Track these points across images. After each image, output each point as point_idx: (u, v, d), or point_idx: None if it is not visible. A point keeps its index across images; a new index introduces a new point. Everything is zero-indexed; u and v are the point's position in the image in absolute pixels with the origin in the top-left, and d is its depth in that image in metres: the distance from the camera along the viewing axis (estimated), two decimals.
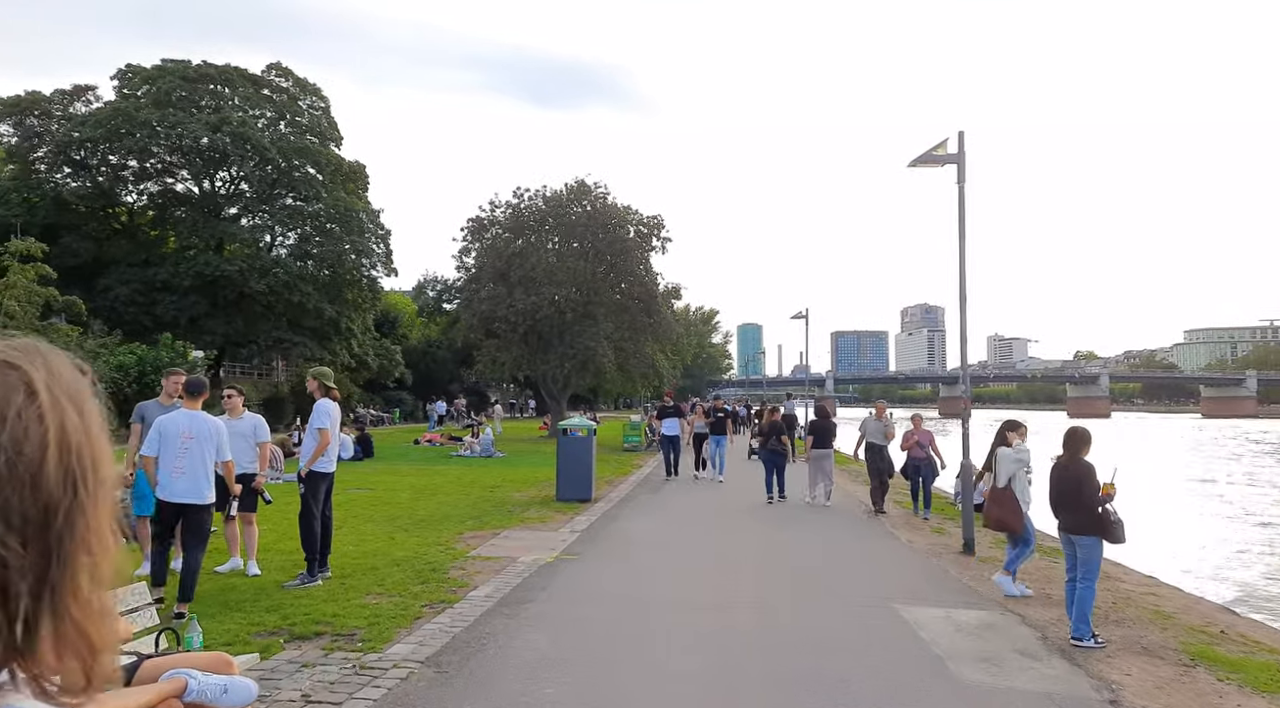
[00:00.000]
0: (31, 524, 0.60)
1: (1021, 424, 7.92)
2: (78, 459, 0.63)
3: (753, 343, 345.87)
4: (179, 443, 6.13)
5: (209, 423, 6.33)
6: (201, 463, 6.16)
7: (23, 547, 0.59)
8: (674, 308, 34.04)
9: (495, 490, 14.36)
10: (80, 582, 0.62)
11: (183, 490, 6.09)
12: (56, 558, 0.61)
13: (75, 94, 37.89)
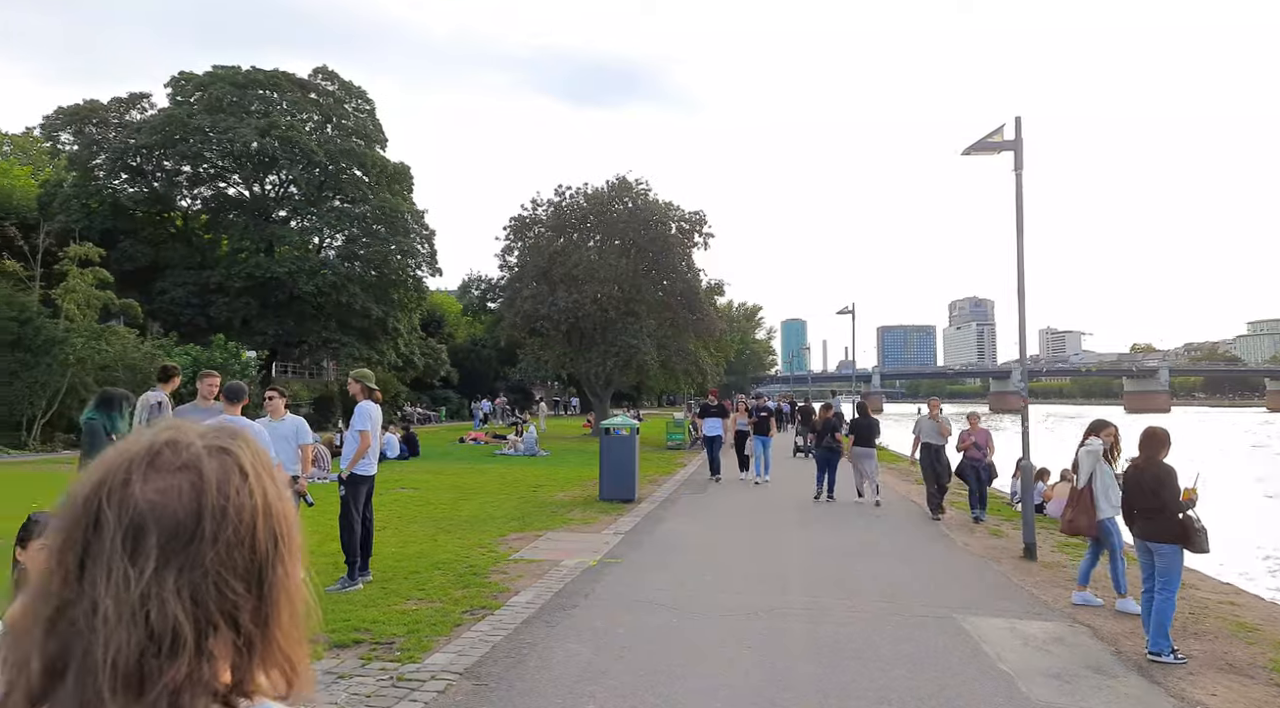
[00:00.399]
0: (250, 573, 0.76)
1: (1110, 424, 7.32)
2: (277, 521, 0.80)
3: (797, 339, 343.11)
4: None
5: (249, 428, 6.30)
6: None
7: (246, 590, 0.75)
8: (717, 304, 33.65)
9: (538, 490, 14.25)
10: (283, 615, 0.79)
11: None
12: (267, 597, 0.77)
13: (131, 102, 38.90)
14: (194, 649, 0.72)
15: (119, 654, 0.69)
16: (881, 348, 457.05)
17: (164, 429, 0.81)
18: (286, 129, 36.63)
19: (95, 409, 6.76)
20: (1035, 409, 68.71)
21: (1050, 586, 7.78)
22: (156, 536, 0.73)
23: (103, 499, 0.74)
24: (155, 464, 0.76)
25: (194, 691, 0.71)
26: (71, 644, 0.71)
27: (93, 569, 0.72)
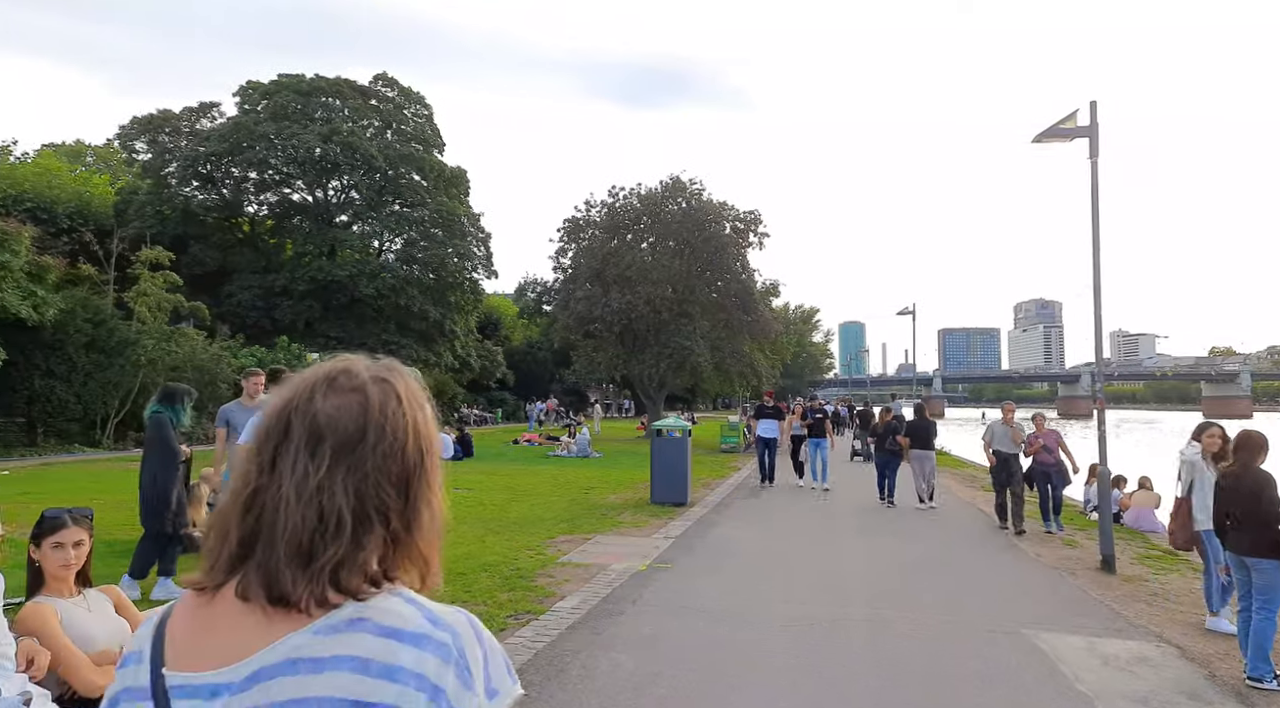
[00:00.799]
0: (400, 480, 0.95)
1: (1214, 425, 6.62)
2: (424, 441, 0.98)
3: (855, 341, 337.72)
4: None
5: None
6: None
7: (395, 494, 0.94)
8: (772, 306, 33.12)
9: (589, 492, 14.09)
10: (424, 519, 0.97)
11: None
12: (412, 503, 0.96)
13: (201, 111, 40.23)
14: (351, 535, 0.90)
15: (295, 531, 0.90)
16: (943, 351, 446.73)
17: (339, 360, 1.01)
18: (348, 135, 37.42)
19: (159, 403, 6.82)
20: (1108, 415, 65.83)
21: (1131, 600, 7.25)
22: (330, 441, 0.93)
23: (292, 411, 0.95)
24: (333, 386, 0.97)
25: (349, 569, 0.90)
26: (262, 522, 0.91)
27: (281, 464, 0.93)
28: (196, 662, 0.91)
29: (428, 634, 0.89)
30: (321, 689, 0.85)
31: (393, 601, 0.91)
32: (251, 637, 0.89)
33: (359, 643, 0.87)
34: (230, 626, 0.91)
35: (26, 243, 18.95)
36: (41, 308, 19.50)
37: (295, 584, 0.88)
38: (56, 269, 20.46)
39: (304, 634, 0.88)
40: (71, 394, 21.34)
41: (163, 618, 0.97)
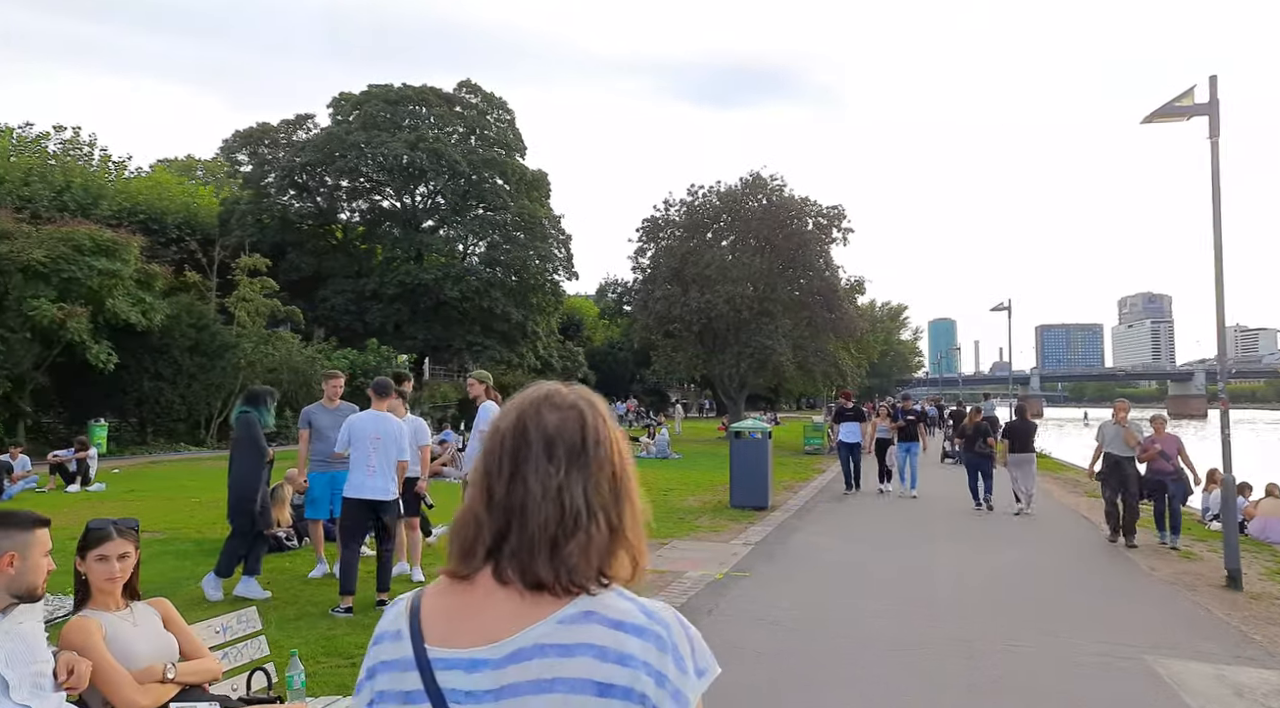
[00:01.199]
0: (612, 481, 1.10)
1: None
2: (622, 449, 1.13)
3: (946, 339, 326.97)
4: (368, 442, 6.29)
5: (392, 424, 6.41)
6: (389, 462, 6.33)
7: (610, 493, 1.09)
8: (857, 303, 32.17)
9: (667, 495, 13.87)
10: (631, 515, 1.11)
11: (375, 488, 6.27)
12: (622, 501, 1.11)
13: (297, 123, 41.94)
14: (585, 528, 1.05)
15: (545, 523, 1.05)
16: (1041, 348, 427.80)
17: (542, 385, 1.18)
18: (433, 142, 38.35)
19: (245, 404, 6.94)
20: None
21: (1264, 623, 6.55)
22: (562, 448, 1.08)
23: (527, 423, 1.10)
24: (551, 403, 1.12)
25: (586, 558, 1.05)
26: (512, 517, 1.07)
27: (524, 468, 1.08)
28: (454, 639, 1.06)
29: (646, 627, 1.05)
30: (570, 672, 1.01)
31: (613, 597, 1.07)
32: (505, 621, 1.04)
33: (594, 634, 1.03)
34: (486, 610, 1.05)
35: (136, 252, 20.04)
36: (149, 314, 20.60)
37: (547, 571, 1.04)
38: (163, 277, 21.57)
39: (548, 624, 1.03)
40: (177, 395, 22.49)
41: (415, 601, 1.12)
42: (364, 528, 6.40)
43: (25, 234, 18.32)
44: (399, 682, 1.06)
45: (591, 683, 1.00)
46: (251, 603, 3.48)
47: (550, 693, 1.00)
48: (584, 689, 0.99)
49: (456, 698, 1.03)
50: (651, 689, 1.01)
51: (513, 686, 1.01)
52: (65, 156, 30.72)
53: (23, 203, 23.37)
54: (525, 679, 1.00)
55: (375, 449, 6.27)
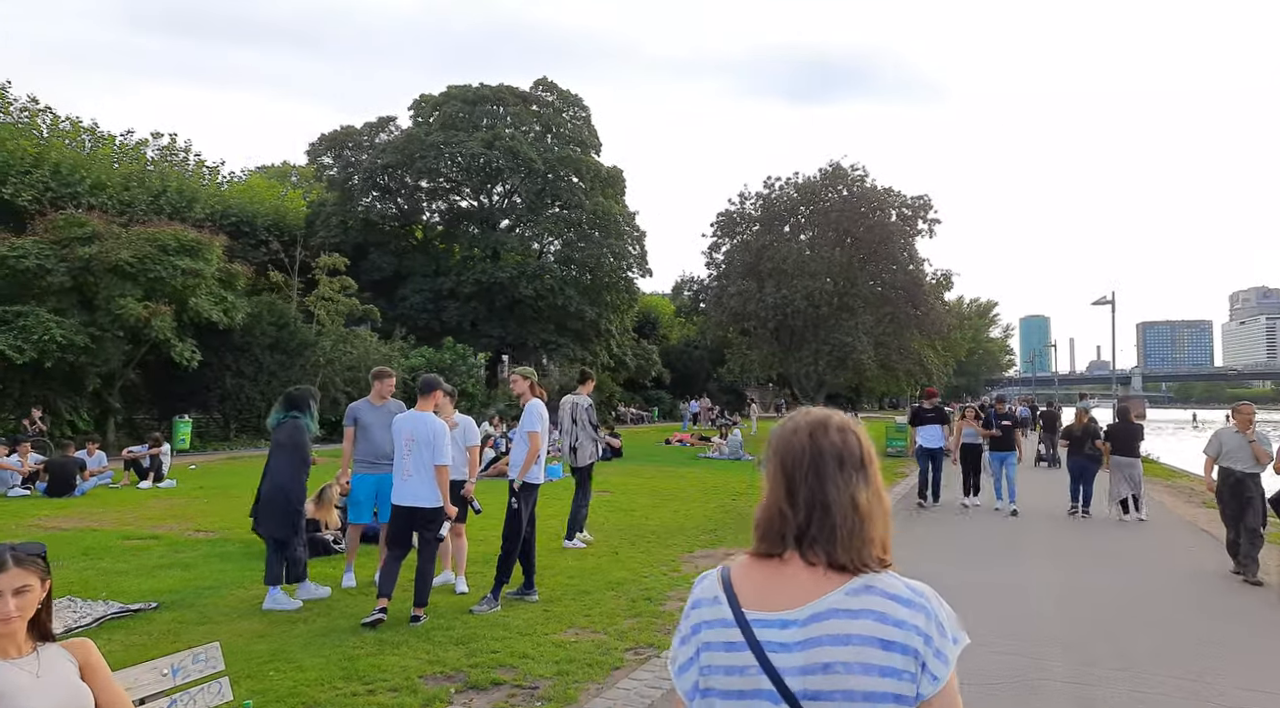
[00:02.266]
0: (875, 488, 1.38)
1: None
2: (869, 450, 1.39)
3: (1038, 337, 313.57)
4: (403, 445, 5.94)
5: (429, 425, 5.97)
6: (424, 466, 5.91)
7: (873, 495, 1.36)
8: (944, 298, 30.58)
9: (737, 499, 13.18)
10: (885, 513, 1.38)
11: (409, 493, 5.89)
12: (883, 502, 1.38)
13: (380, 126, 42.79)
14: (867, 523, 1.34)
15: (843, 520, 1.33)
16: (1143, 346, 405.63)
17: (816, 410, 1.46)
18: (509, 140, 38.45)
19: (289, 409, 6.59)
20: None
21: None
22: (850, 462, 1.37)
23: (820, 441, 1.38)
24: (829, 425, 1.40)
25: (870, 546, 1.34)
26: (814, 512, 1.34)
27: (824, 475, 1.35)
28: (766, 604, 1.33)
29: (913, 599, 1.31)
30: (859, 629, 1.27)
31: (886, 575, 1.34)
32: (805, 590, 1.32)
33: (875, 602, 1.29)
34: (791, 582, 1.34)
35: (219, 251, 20.52)
36: (231, 312, 21.09)
37: (844, 555, 1.32)
38: (244, 276, 22.06)
39: (838, 594, 1.30)
40: (257, 392, 23.00)
41: (724, 574, 1.40)
42: (408, 536, 6.01)
43: (114, 235, 18.94)
44: (721, 635, 1.35)
45: (876, 639, 1.28)
46: (216, 639, 2.98)
47: (845, 645, 1.28)
48: (871, 644, 1.27)
49: (772, 648, 1.31)
50: (921, 647, 1.28)
51: (815, 639, 1.29)
52: (162, 162, 31.97)
53: (123, 207, 24.34)
54: (825, 634, 1.29)
55: (410, 452, 5.87)
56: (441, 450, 5.92)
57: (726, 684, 1.32)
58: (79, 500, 11.44)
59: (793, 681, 1.27)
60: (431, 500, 5.90)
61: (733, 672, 1.31)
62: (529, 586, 6.61)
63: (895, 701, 1.26)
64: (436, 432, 5.93)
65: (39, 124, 27.79)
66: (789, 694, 1.27)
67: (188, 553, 7.94)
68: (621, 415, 43.47)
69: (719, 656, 1.33)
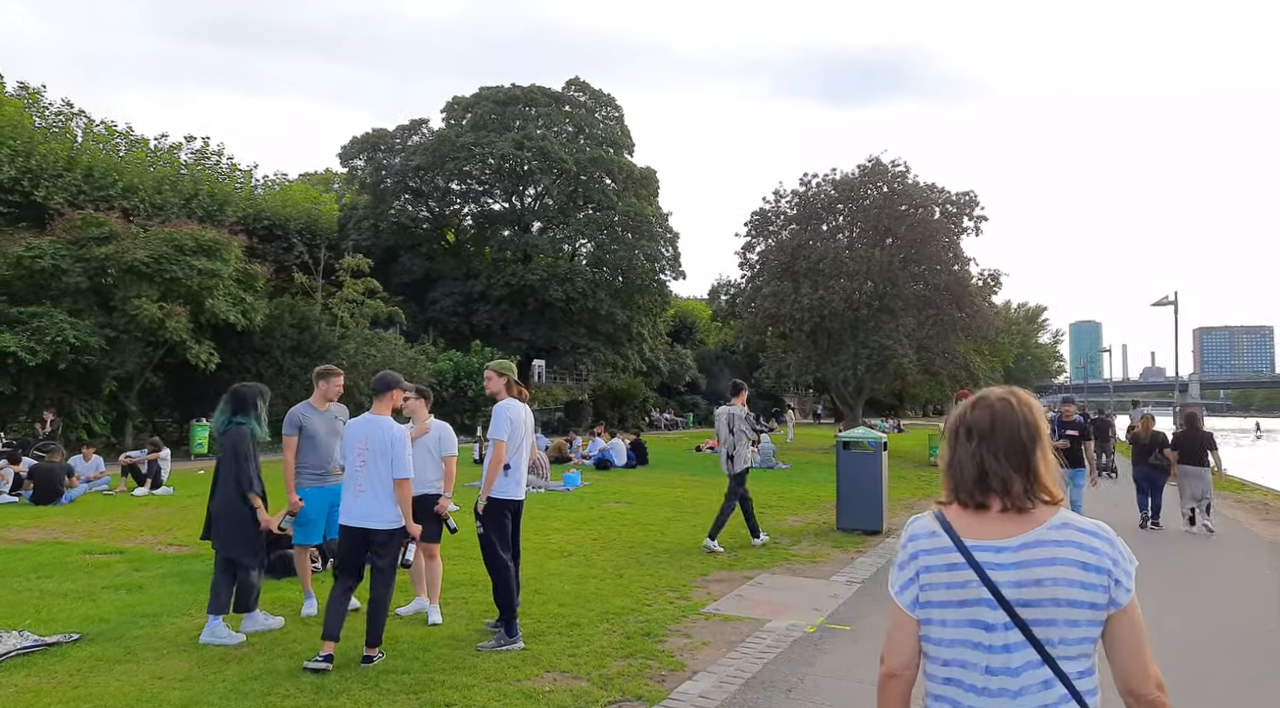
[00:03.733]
0: (1042, 442, 1.75)
1: None
2: (1034, 425, 1.74)
3: (1090, 342, 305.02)
4: (356, 455, 5.09)
5: (385, 431, 5.08)
6: (380, 479, 5.03)
7: (1021, 457, 1.72)
8: (992, 300, 29.09)
9: (764, 512, 12.16)
10: (1045, 468, 1.72)
11: (361, 512, 5.02)
12: (1045, 453, 1.74)
13: (412, 128, 42.56)
14: (1045, 475, 1.72)
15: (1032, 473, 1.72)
16: (1199, 352, 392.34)
17: (995, 388, 1.84)
18: (540, 140, 37.87)
19: (233, 411, 5.77)
20: None
21: None
22: (1029, 429, 1.73)
23: (1009, 411, 1.75)
24: (1016, 399, 1.77)
25: (1050, 493, 1.72)
26: (1010, 467, 1.71)
27: (1017, 438, 1.72)
28: (978, 536, 1.70)
29: (1100, 532, 1.68)
30: (1064, 555, 1.64)
31: (1069, 514, 1.71)
32: (1014, 526, 1.69)
33: (1072, 535, 1.66)
34: (997, 523, 1.70)
35: (237, 252, 20.14)
36: (249, 313, 20.68)
37: (1034, 501, 1.70)
38: (264, 276, 21.66)
39: (1043, 529, 1.67)
40: (278, 396, 22.48)
41: (938, 515, 1.78)
42: (358, 562, 5.15)
43: (132, 235, 18.64)
44: (941, 559, 1.71)
45: (1077, 562, 1.63)
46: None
47: (1053, 566, 1.63)
48: (1073, 565, 1.63)
49: (990, 567, 1.66)
50: (1111, 568, 1.63)
51: (1027, 561, 1.64)
52: (196, 166, 31.99)
53: (154, 211, 24.21)
54: (1035, 558, 1.64)
55: (364, 462, 5.02)
56: (401, 461, 5.05)
57: (948, 596, 1.70)
58: (63, 509, 10.89)
59: (1008, 591, 1.64)
60: (387, 520, 5.03)
61: (954, 586, 1.70)
62: (510, 630, 5.46)
63: (1090, 608, 1.62)
64: (394, 439, 5.07)
65: (73, 128, 27.94)
66: (1004, 601, 1.64)
67: (148, 571, 7.24)
68: (655, 421, 42.54)
69: (940, 575, 1.72)
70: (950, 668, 1.69)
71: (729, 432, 9.38)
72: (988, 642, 1.64)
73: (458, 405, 29.85)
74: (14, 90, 26.80)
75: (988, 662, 1.64)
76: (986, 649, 1.64)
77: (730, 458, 9.42)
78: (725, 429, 9.40)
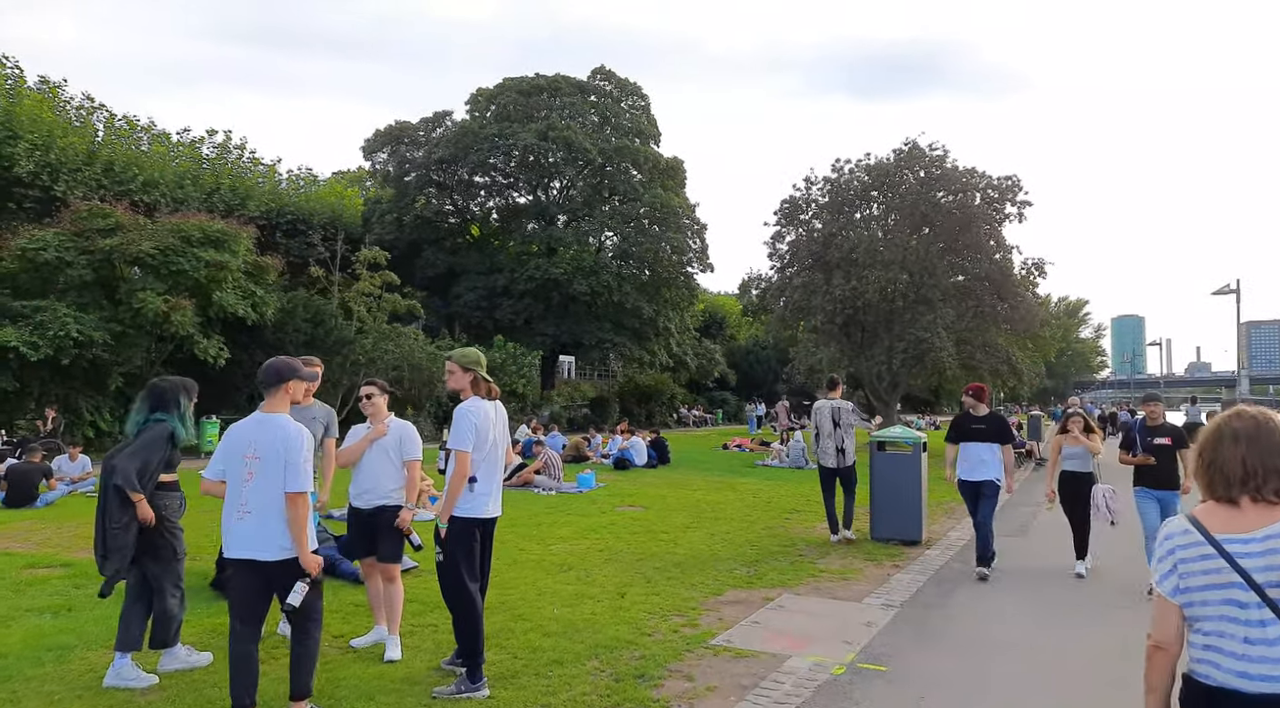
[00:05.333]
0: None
1: None
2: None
3: (1132, 337, 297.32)
4: (241, 465, 3.96)
5: (278, 432, 3.95)
6: (274, 497, 3.90)
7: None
8: (1036, 290, 27.56)
9: (790, 518, 11.17)
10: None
11: (245, 540, 3.89)
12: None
13: (436, 121, 41.92)
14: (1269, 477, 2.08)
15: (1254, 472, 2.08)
16: (1248, 347, 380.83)
17: (1240, 406, 2.24)
18: (563, 130, 37.02)
19: (152, 408, 4.93)
20: None
21: None
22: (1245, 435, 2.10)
23: (1261, 422, 2.12)
24: (1259, 413, 2.15)
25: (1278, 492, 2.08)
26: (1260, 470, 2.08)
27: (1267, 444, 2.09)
28: (1225, 530, 2.03)
29: None
30: None
31: None
32: (1258, 520, 2.01)
33: None
34: (1243, 516, 2.03)
35: (247, 243, 19.54)
36: (259, 307, 20.07)
37: (1269, 496, 2.03)
38: (275, 269, 21.05)
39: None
40: None
41: (1190, 516, 2.11)
42: (258, 606, 3.98)
43: (139, 226, 18.12)
44: (1195, 551, 2.05)
45: None
46: None
47: None
48: None
49: (1239, 556, 1.99)
50: None
51: (1273, 549, 1.97)
52: (218, 160, 31.65)
53: (175, 205, 23.80)
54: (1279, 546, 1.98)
55: (252, 475, 3.92)
56: (297, 471, 3.90)
57: (1205, 581, 2.02)
58: (36, 512, 10.24)
59: (1257, 575, 1.96)
60: (284, 548, 3.90)
61: (1209, 573, 2.02)
62: (473, 675, 4.49)
63: None
64: (289, 443, 3.93)
65: (93, 123, 27.67)
66: (1254, 584, 1.96)
67: (88, 589, 6.46)
68: (683, 418, 41.55)
69: (1195, 565, 2.05)
70: (1209, 637, 2.04)
71: (833, 425, 9.48)
72: (1243, 618, 1.98)
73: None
74: (35, 84, 26.63)
75: (1245, 633, 1.98)
76: (1244, 623, 1.98)
77: (841, 451, 9.54)
78: (829, 423, 9.47)
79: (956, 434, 8.36)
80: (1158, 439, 7.44)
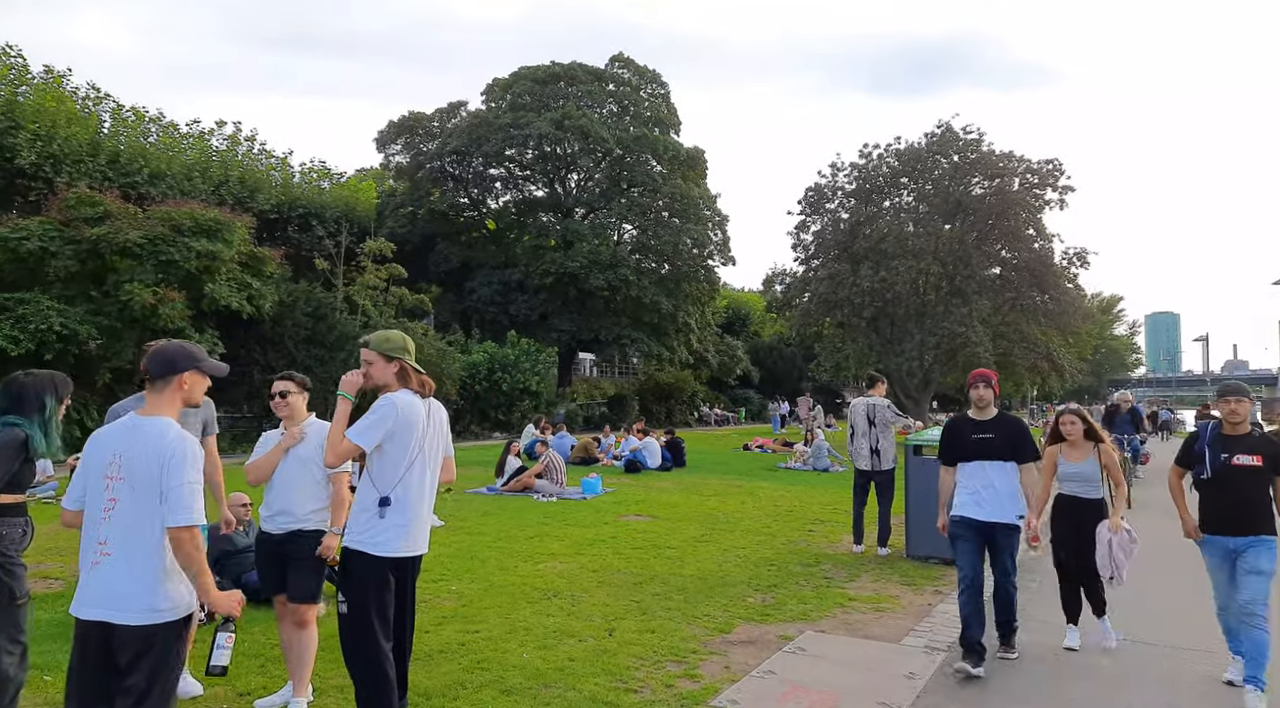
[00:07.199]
0: None
1: None
2: None
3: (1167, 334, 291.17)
4: (101, 486, 2.78)
5: (159, 442, 2.77)
6: (142, 533, 2.72)
7: None
8: (1079, 282, 25.99)
9: (814, 530, 9.96)
10: None
11: (99, 593, 2.71)
12: None
13: (450, 112, 41.06)
14: None
15: None
16: None
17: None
18: (579, 118, 35.95)
19: (4, 410, 3.88)
20: None
21: None
22: None
23: None
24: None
25: None
26: None
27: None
28: None
29: None
30: None
31: None
32: None
33: None
34: None
35: (242, 233, 18.65)
36: (256, 300, 19.18)
37: None
38: (273, 260, 20.16)
39: None
40: None
41: None
42: (103, 683, 2.69)
43: (129, 215, 17.29)
44: None
45: None
46: None
47: None
48: None
49: None
50: None
51: None
52: (228, 152, 30.95)
53: (182, 197, 23.07)
54: None
55: (115, 502, 2.74)
56: (180, 497, 2.70)
57: None
58: None
59: None
60: (141, 608, 2.68)
61: None
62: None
63: None
64: (168, 458, 2.73)
65: (97, 114, 27.04)
66: None
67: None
68: (704, 416, 40.34)
69: None
70: None
71: (869, 424, 8.86)
72: None
73: (491, 401, 28.18)
74: (39, 74, 26.04)
75: None
76: None
77: (876, 453, 8.87)
78: (865, 422, 8.88)
79: (952, 450, 5.55)
80: (1239, 457, 4.73)
